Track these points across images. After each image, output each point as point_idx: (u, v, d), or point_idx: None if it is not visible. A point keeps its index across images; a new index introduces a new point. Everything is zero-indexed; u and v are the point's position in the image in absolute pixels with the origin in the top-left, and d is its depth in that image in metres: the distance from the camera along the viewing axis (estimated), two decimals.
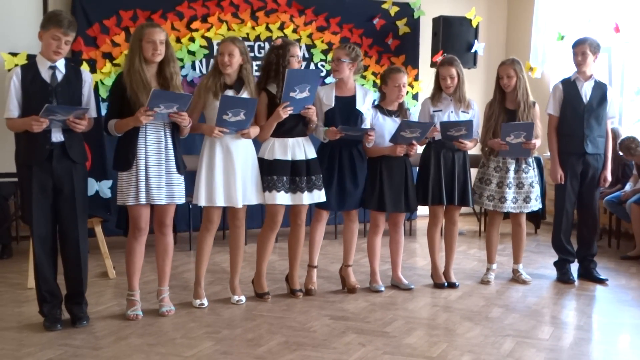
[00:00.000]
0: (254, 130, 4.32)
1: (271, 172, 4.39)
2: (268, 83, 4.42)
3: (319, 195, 4.52)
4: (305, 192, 4.46)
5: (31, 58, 3.89)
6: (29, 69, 3.81)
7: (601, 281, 5.13)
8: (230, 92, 4.27)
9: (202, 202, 4.26)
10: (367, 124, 4.65)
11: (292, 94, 4.26)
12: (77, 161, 3.89)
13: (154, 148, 4.02)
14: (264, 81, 4.45)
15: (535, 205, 5.03)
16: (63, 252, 3.96)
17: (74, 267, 3.96)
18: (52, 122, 3.69)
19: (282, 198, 4.41)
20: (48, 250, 3.90)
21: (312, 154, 4.52)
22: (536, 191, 5.02)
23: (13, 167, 3.96)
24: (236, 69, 4.29)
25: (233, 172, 4.26)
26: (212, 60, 6.71)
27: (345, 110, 4.61)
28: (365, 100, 4.70)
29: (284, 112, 4.28)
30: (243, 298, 4.51)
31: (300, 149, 4.47)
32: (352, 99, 4.66)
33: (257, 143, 4.49)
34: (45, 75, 3.80)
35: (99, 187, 5.98)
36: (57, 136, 3.79)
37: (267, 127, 4.37)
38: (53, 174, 3.82)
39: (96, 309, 4.28)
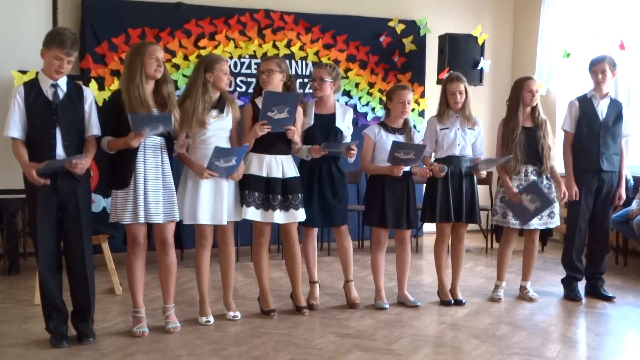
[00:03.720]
0: (242, 171, 4.34)
1: (244, 187, 4.40)
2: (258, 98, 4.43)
3: (296, 215, 4.49)
4: (278, 211, 4.43)
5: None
6: (32, 87, 3.82)
7: (608, 299, 5.10)
8: (214, 112, 4.27)
9: (186, 220, 4.26)
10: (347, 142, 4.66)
11: (269, 114, 4.28)
12: (79, 179, 3.89)
13: (153, 166, 4.02)
14: (256, 95, 4.48)
15: (558, 220, 5.02)
16: (69, 269, 3.97)
17: (80, 284, 3.96)
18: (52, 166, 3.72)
19: (252, 214, 4.39)
20: (53, 267, 3.91)
21: (292, 172, 4.50)
22: (557, 206, 5.01)
23: (21, 184, 3.98)
24: None
25: (220, 191, 4.27)
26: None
27: (325, 128, 4.64)
28: (345, 118, 4.73)
29: (261, 130, 4.29)
30: (238, 314, 4.50)
31: (278, 167, 4.45)
32: (332, 117, 4.70)
33: None
34: (48, 93, 3.81)
35: (107, 203, 6.00)
36: (61, 154, 3.81)
37: (245, 142, 4.37)
38: (57, 191, 3.83)
39: (102, 326, 4.28)
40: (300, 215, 4.51)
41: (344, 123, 4.72)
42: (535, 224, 4.94)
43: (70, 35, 3.78)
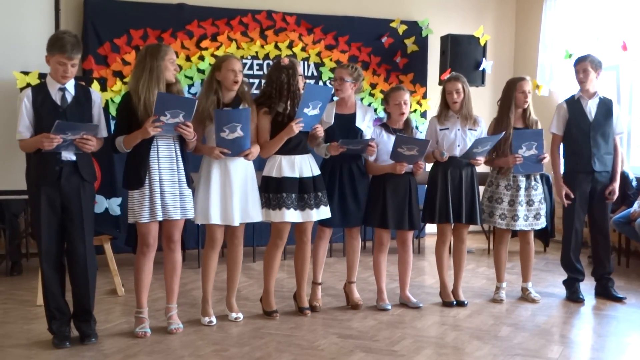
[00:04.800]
0: (256, 150, 4.31)
1: (280, 190, 4.38)
2: (279, 103, 4.40)
3: (326, 212, 4.53)
4: (314, 209, 4.47)
5: (42, 77, 3.92)
6: (40, 90, 3.84)
7: (619, 299, 5.08)
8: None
9: (198, 219, 4.26)
10: None
11: (305, 110, 4.28)
12: (87, 179, 3.92)
13: (167, 163, 4.04)
14: (277, 100, 4.39)
15: (544, 222, 5.02)
16: (70, 270, 3.97)
17: (81, 285, 3.96)
18: (63, 143, 3.71)
19: (292, 215, 4.40)
20: (55, 267, 3.92)
21: (317, 170, 4.53)
22: (544, 208, 5.02)
23: (23, 185, 3.99)
24: None
25: (230, 190, 4.25)
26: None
27: (344, 128, 4.66)
28: (365, 118, 4.76)
29: (297, 127, 4.29)
30: (241, 315, 4.50)
31: (307, 166, 4.47)
32: (352, 116, 4.72)
33: (258, 159, 4.46)
34: (56, 96, 3.83)
35: (109, 204, 6.01)
36: (67, 155, 3.82)
37: (277, 142, 4.36)
38: (61, 191, 3.84)
39: (105, 327, 4.29)
40: (328, 211, 4.53)
41: (364, 123, 4.74)
42: (521, 224, 4.94)
43: (70, 39, 3.77)
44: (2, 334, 4.18)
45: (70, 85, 3.88)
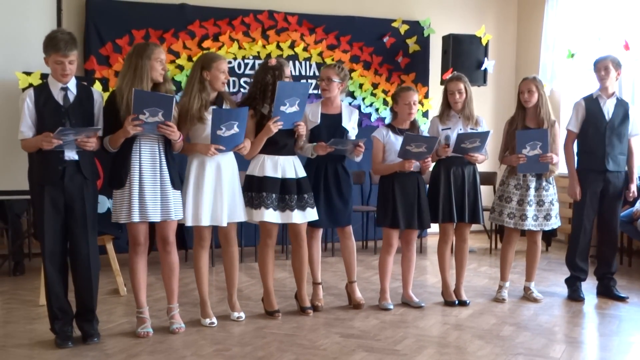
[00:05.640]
0: (248, 144, 4.29)
1: (260, 189, 4.37)
2: (263, 104, 4.38)
3: (312, 214, 4.51)
4: (296, 211, 4.43)
5: (44, 77, 3.92)
6: (42, 90, 3.84)
7: (621, 299, 5.08)
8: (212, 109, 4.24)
9: (188, 222, 4.22)
10: None
11: (282, 108, 4.25)
12: (89, 178, 3.92)
13: (149, 164, 4.00)
14: (260, 101, 4.39)
15: (555, 222, 5.00)
16: (74, 270, 3.97)
17: (84, 285, 3.97)
18: (64, 143, 3.72)
19: (270, 215, 4.38)
20: (59, 267, 3.92)
21: (302, 172, 4.52)
22: (556, 209, 4.99)
23: (25, 185, 4.00)
24: None
25: (220, 190, 4.23)
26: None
27: (331, 128, 4.65)
28: (351, 118, 4.77)
29: (275, 127, 4.26)
30: (242, 315, 4.50)
31: (291, 167, 4.46)
32: (339, 116, 4.72)
33: (241, 159, 4.44)
34: (58, 96, 3.83)
35: (111, 204, 6.00)
36: (70, 155, 3.82)
37: (257, 142, 4.34)
38: (65, 191, 3.84)
39: (107, 326, 4.29)
40: (315, 214, 4.52)
41: (350, 123, 4.75)
42: (530, 224, 4.93)
43: (63, 36, 3.76)
44: (4, 334, 4.19)
45: (72, 84, 3.88)
